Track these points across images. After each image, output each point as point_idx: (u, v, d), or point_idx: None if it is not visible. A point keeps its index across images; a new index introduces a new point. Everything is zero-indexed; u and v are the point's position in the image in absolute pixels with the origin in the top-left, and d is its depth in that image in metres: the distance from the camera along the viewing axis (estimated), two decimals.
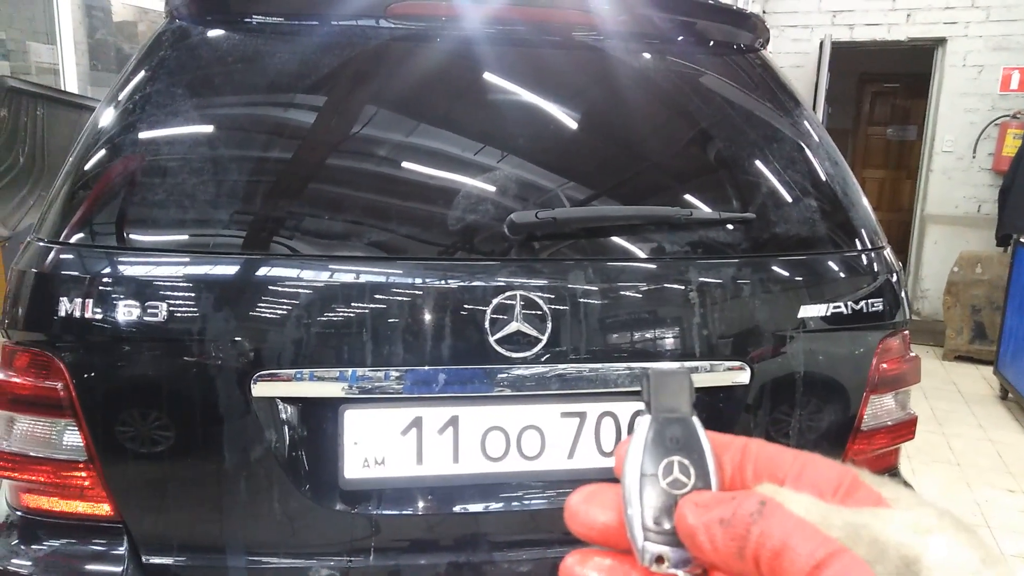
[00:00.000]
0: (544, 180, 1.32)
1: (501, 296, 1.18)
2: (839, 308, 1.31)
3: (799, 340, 1.30)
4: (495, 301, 1.17)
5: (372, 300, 1.16)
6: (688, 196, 1.35)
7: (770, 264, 1.31)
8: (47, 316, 1.12)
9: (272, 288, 1.15)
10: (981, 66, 5.81)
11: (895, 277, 1.38)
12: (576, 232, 1.27)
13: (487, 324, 1.17)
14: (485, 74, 1.41)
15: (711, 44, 1.54)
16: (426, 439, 1.21)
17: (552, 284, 1.20)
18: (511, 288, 1.18)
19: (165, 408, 1.16)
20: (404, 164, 1.31)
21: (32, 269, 1.15)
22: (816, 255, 1.34)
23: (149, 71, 1.31)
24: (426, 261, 1.21)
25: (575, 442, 1.25)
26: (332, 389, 1.17)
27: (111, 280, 1.13)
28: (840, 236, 1.37)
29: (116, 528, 1.21)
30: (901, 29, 5.97)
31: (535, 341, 1.19)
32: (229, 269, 1.16)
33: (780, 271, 1.31)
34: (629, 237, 1.28)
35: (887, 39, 6.03)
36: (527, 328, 1.18)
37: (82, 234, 1.17)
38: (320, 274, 1.16)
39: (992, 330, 4.97)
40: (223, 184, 1.20)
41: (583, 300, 1.21)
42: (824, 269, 1.34)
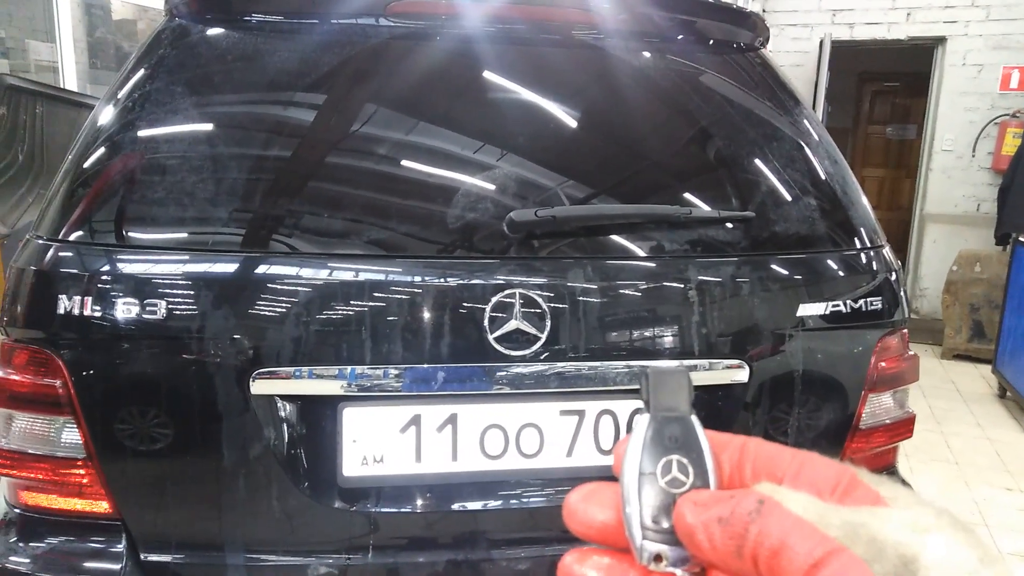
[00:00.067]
0: (544, 178, 1.32)
1: (500, 294, 1.18)
2: (838, 307, 1.31)
3: (798, 339, 1.30)
4: (494, 299, 1.17)
5: (371, 298, 1.16)
6: (687, 195, 1.35)
7: (769, 263, 1.31)
8: (46, 314, 1.12)
9: (271, 286, 1.15)
10: (981, 65, 5.81)
11: (894, 276, 1.38)
12: (575, 230, 1.27)
13: (486, 322, 1.17)
14: (485, 73, 1.41)
15: (711, 43, 1.54)
16: (425, 437, 1.21)
17: (551, 282, 1.20)
18: (510, 286, 1.18)
19: (164, 406, 1.16)
20: (403, 162, 1.31)
21: (31, 267, 1.15)
22: (815, 254, 1.34)
23: (148, 69, 1.31)
24: (425, 259, 1.21)
25: (574, 440, 1.25)
26: (331, 387, 1.17)
27: (110, 278, 1.13)
28: (839, 235, 1.37)
29: (115, 525, 1.21)
30: (901, 28, 5.97)
31: (534, 339, 1.19)
32: (228, 267, 1.16)
33: (779, 270, 1.31)
34: (628, 235, 1.28)
35: (887, 38, 6.03)
36: (526, 326, 1.18)
37: (81, 232, 1.16)
38: (319, 272, 1.16)
39: (991, 329, 4.97)
40: (222, 182, 1.20)
41: (582, 298, 1.21)
42: (823, 268, 1.34)
